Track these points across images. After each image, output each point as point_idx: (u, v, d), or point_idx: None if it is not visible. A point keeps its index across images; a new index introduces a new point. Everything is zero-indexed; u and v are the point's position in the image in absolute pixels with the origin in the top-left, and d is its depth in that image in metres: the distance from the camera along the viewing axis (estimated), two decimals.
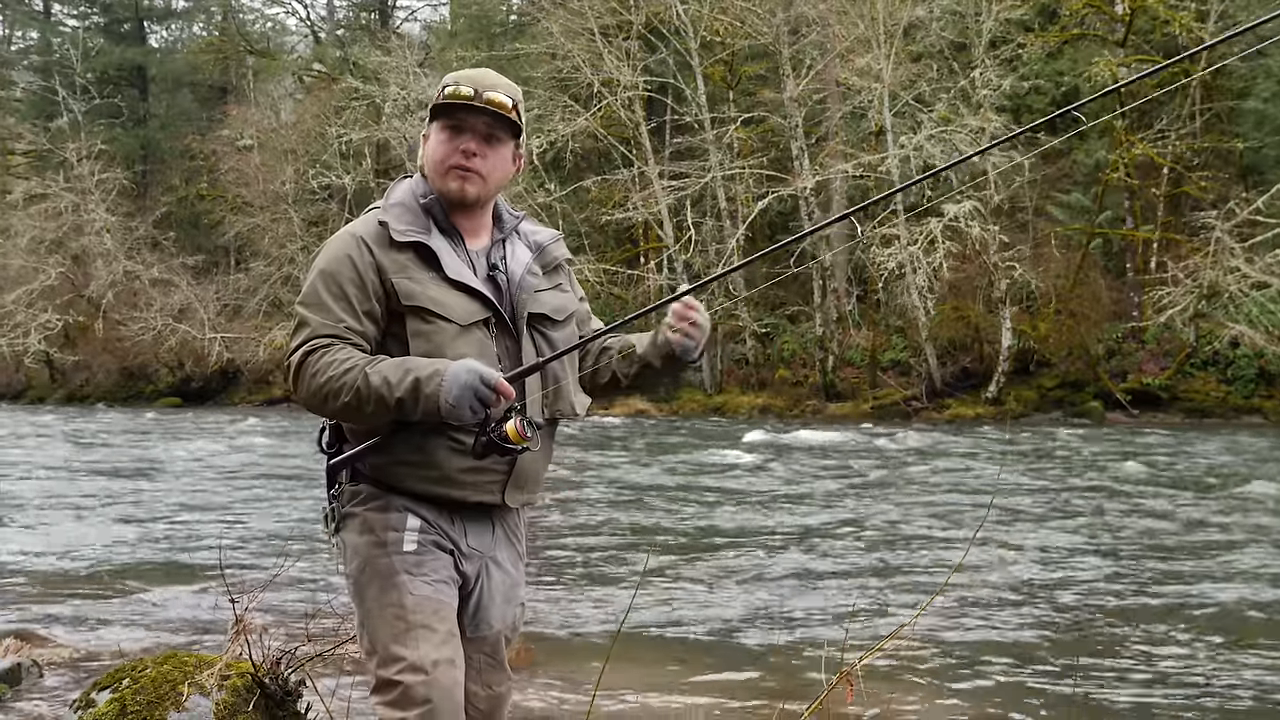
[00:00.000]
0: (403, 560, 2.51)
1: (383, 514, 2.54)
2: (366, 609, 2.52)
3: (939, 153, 24.76)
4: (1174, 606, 6.77)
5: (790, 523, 10.00)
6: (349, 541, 2.57)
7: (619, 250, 31.31)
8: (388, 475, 2.54)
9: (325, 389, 2.44)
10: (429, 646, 2.45)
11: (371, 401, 2.41)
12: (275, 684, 3.60)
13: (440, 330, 2.51)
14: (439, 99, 2.59)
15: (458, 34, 39.48)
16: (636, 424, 23.69)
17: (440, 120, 2.60)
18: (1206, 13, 25.37)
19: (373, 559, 2.53)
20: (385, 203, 2.63)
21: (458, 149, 2.58)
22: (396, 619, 2.47)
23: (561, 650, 5.78)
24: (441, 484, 2.54)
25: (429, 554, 2.54)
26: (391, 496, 2.54)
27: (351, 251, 2.54)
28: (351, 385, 2.41)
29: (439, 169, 2.60)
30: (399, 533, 2.52)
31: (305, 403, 2.51)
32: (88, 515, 10.63)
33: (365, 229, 2.58)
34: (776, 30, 27.83)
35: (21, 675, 5.00)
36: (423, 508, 2.55)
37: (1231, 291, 23.16)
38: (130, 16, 48.71)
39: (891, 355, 27.31)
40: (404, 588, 2.49)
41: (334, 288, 2.51)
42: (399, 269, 2.53)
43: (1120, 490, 12.06)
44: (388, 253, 2.54)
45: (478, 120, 2.57)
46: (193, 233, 41.06)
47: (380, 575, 2.51)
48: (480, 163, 2.58)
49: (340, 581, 2.68)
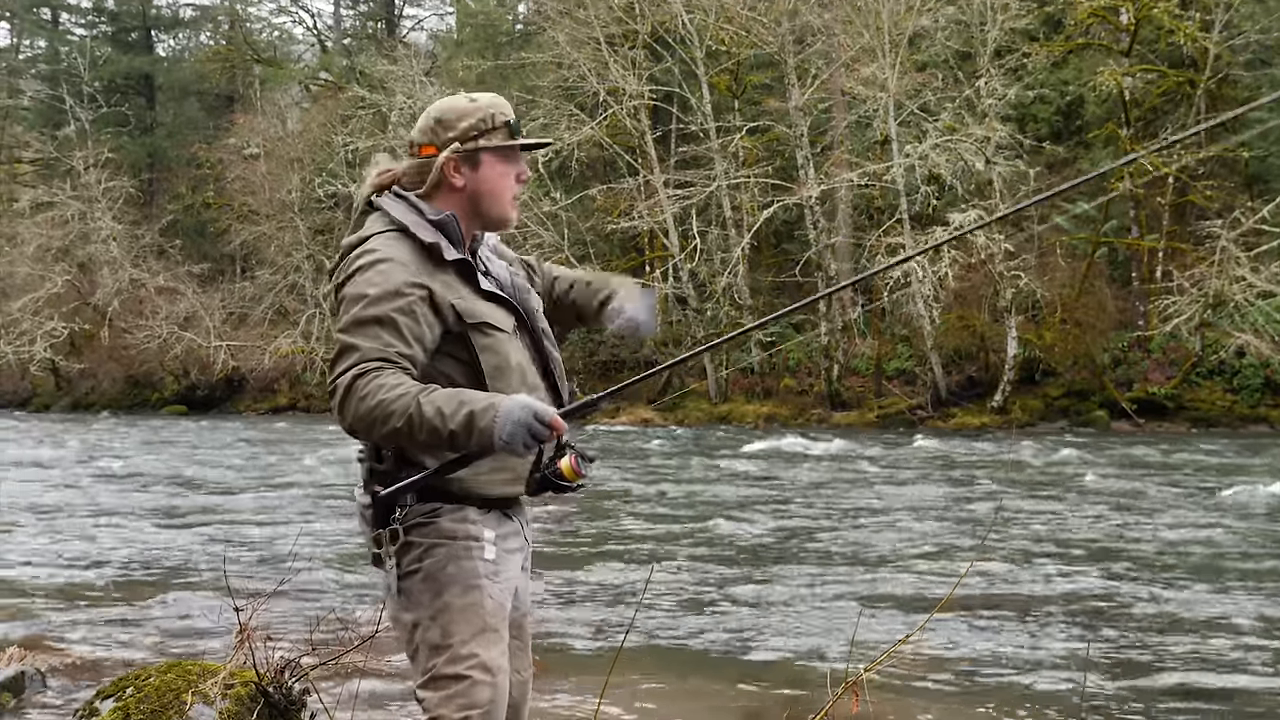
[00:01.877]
0: (486, 565, 2.58)
1: (462, 524, 2.58)
2: (444, 603, 2.53)
3: (944, 162, 24.76)
4: (1180, 618, 6.74)
5: (794, 533, 9.98)
6: (424, 542, 2.56)
7: (624, 259, 31.31)
8: (472, 486, 2.57)
9: (375, 413, 2.42)
10: (497, 652, 2.54)
11: (424, 430, 2.41)
12: (279, 693, 3.60)
13: (500, 340, 2.59)
14: (502, 134, 2.63)
15: (464, 43, 39.53)
16: (641, 433, 23.68)
17: (500, 150, 2.64)
18: (1211, 22, 25.37)
19: (457, 558, 2.55)
20: (404, 221, 2.59)
21: (516, 178, 2.68)
22: (478, 618, 2.53)
23: (565, 660, 5.77)
24: (516, 483, 2.63)
25: (505, 563, 2.62)
26: (468, 509, 2.58)
27: (397, 275, 2.51)
28: (403, 411, 2.40)
29: (504, 198, 2.67)
30: (480, 541, 2.58)
31: (352, 425, 2.48)
32: (92, 523, 10.64)
33: (407, 250, 2.55)
34: (782, 39, 27.85)
35: (25, 684, 5.00)
36: (490, 520, 2.61)
37: (1237, 300, 23.10)
38: (138, 25, 48.86)
39: (897, 364, 27.28)
40: (485, 590, 2.55)
41: (381, 313, 2.49)
42: (448, 289, 2.55)
43: (1125, 500, 12.02)
44: (435, 274, 2.54)
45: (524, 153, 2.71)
46: (199, 241, 41.14)
47: (465, 574, 2.55)
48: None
49: (345, 591, 2.68)
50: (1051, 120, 28.77)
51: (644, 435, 22.91)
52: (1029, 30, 27.12)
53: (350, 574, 7.71)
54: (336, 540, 9.44)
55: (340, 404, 2.47)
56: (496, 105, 2.65)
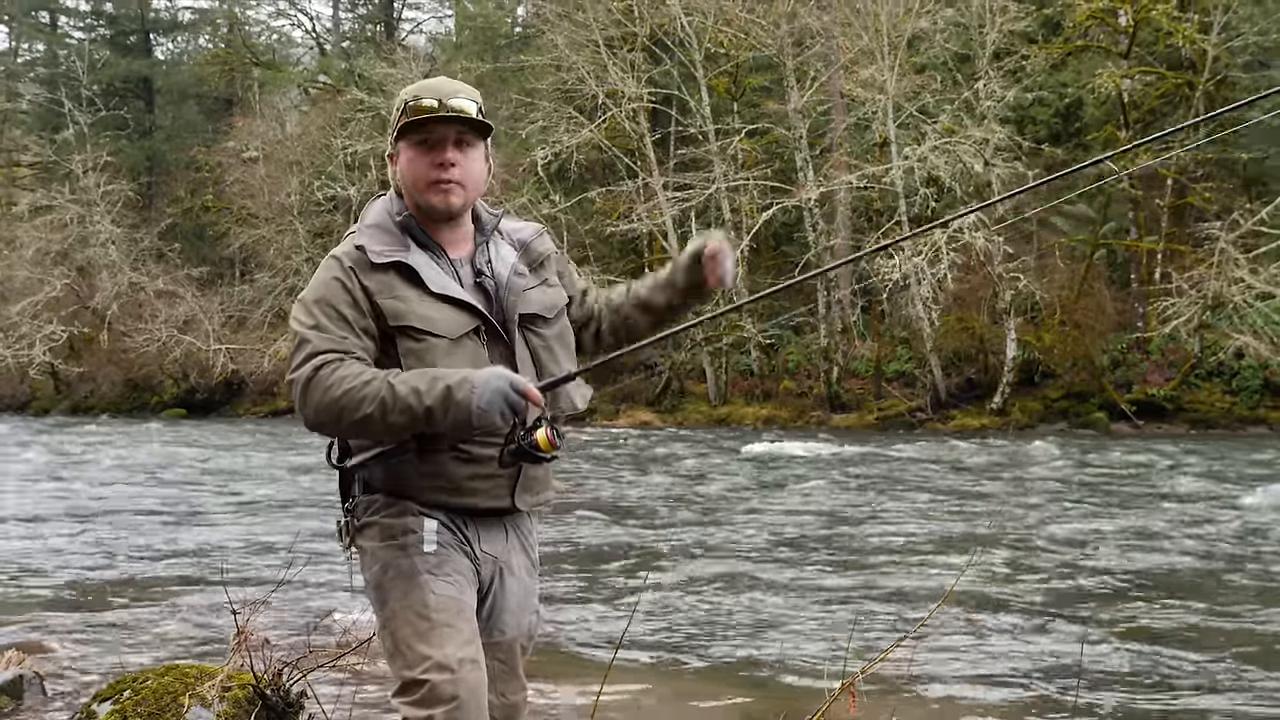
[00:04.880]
0: (424, 560, 2.51)
1: (400, 518, 2.54)
2: (390, 611, 2.50)
3: (943, 164, 24.77)
4: (1178, 619, 6.74)
5: (793, 534, 9.98)
6: (368, 548, 2.58)
7: (623, 262, 31.31)
8: (400, 487, 2.55)
9: (342, 402, 2.40)
10: (454, 646, 2.44)
11: (397, 411, 2.38)
12: (277, 695, 3.60)
13: (431, 347, 2.51)
14: (405, 117, 2.56)
15: (463, 46, 39.55)
16: (642, 435, 23.67)
17: (410, 137, 2.57)
18: (1209, 24, 25.38)
19: (394, 561, 2.52)
20: (361, 225, 2.62)
21: (434, 163, 2.55)
22: (420, 618, 2.46)
23: (563, 660, 5.77)
24: (453, 493, 2.55)
25: (449, 554, 2.54)
26: (406, 502, 2.55)
27: (338, 274, 2.53)
28: (374, 396, 2.38)
29: (418, 186, 2.58)
30: (418, 534, 2.53)
31: (314, 418, 2.45)
32: (90, 526, 10.63)
33: (346, 254, 2.56)
34: (781, 42, 27.87)
35: (24, 687, 4.99)
36: (437, 513, 2.56)
37: (1236, 302, 23.12)
38: (136, 29, 48.87)
39: (896, 366, 27.29)
40: (426, 587, 2.48)
41: (329, 311, 2.49)
42: (384, 290, 2.52)
43: (1124, 502, 12.03)
44: (370, 275, 2.53)
45: (448, 129, 2.55)
46: (198, 244, 41.14)
47: (403, 576, 2.51)
48: (458, 171, 2.56)
49: (342, 594, 2.69)
50: (1050, 122, 28.78)
51: (643, 437, 22.91)
52: (1028, 32, 27.15)
53: (348, 576, 7.70)
54: (334, 543, 9.42)
55: (301, 397, 2.45)
56: (410, 92, 2.59)
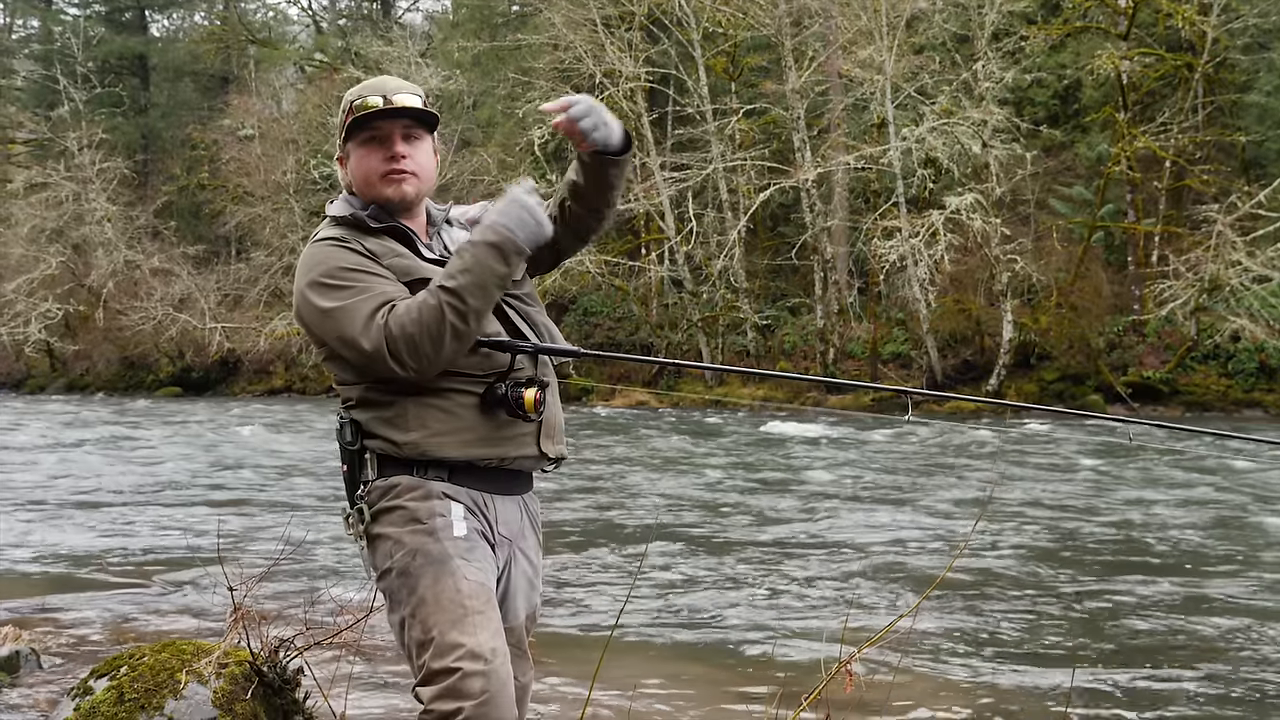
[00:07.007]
0: (455, 545, 2.45)
1: (425, 501, 2.48)
2: (419, 597, 2.41)
3: (941, 145, 24.73)
4: (1174, 600, 6.77)
5: (789, 516, 10.00)
6: (391, 534, 2.48)
7: (620, 241, 31.27)
8: (427, 449, 2.48)
9: (423, 330, 2.38)
10: (486, 634, 2.38)
11: (471, 294, 2.40)
12: (273, 672, 3.60)
13: None
14: (350, 117, 2.57)
15: (459, 24, 39.37)
16: (637, 416, 23.69)
17: (358, 135, 2.59)
18: (1209, 6, 25.31)
19: (424, 547, 2.45)
20: (335, 214, 2.62)
21: (385, 156, 2.57)
22: (454, 605, 2.39)
23: (558, 644, 5.78)
24: (481, 445, 2.51)
25: (478, 541, 2.50)
26: (430, 484, 2.49)
27: (338, 243, 2.54)
28: (439, 305, 2.39)
29: (370, 180, 2.59)
30: (447, 518, 2.47)
31: (418, 365, 2.40)
32: (86, 503, 10.64)
33: (336, 229, 2.58)
34: (779, 22, 27.77)
35: (20, 663, 5.00)
36: (460, 494, 2.51)
37: (1233, 285, 23.14)
38: (131, 5, 48.61)
39: (892, 348, 27.31)
40: (460, 573, 2.42)
41: (346, 274, 2.49)
42: (385, 252, 2.54)
43: (1119, 484, 12.06)
44: (369, 239, 2.55)
45: (395, 124, 2.57)
46: (193, 222, 41.03)
47: (434, 562, 2.43)
48: (410, 162, 2.59)
49: (339, 569, 2.67)
50: (1049, 103, 28.73)
51: (640, 418, 22.92)
52: (1027, 13, 27.07)
53: (345, 554, 7.72)
54: (331, 520, 9.44)
55: (393, 353, 2.40)
56: (355, 92, 2.59)
